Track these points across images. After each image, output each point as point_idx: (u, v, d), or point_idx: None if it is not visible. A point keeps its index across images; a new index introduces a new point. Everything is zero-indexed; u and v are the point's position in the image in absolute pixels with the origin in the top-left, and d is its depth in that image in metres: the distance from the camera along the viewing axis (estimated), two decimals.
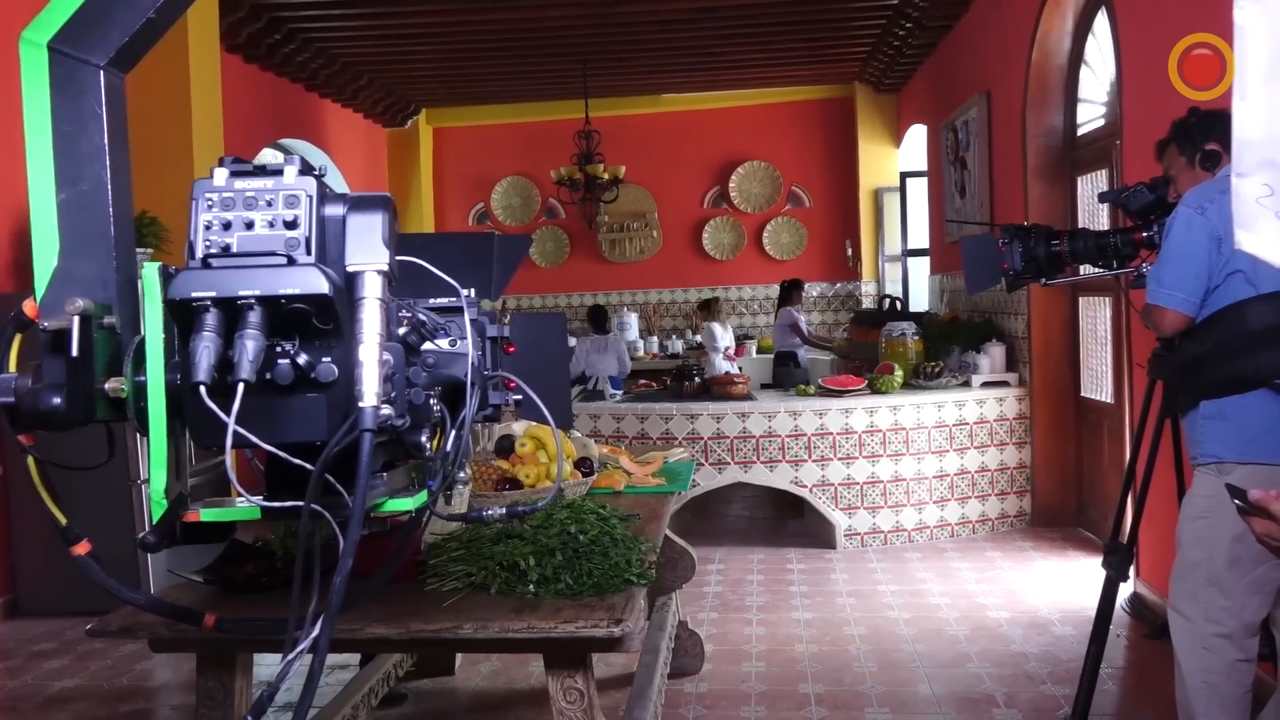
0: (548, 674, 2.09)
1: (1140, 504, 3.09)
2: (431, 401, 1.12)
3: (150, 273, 1.02)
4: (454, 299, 1.19)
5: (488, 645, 2.68)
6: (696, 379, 6.20)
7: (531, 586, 2.11)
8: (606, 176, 9.37)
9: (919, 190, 9.53)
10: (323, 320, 0.96)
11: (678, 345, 10.44)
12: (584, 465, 3.04)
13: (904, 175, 10.08)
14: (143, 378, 1.02)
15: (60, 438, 1.00)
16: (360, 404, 0.94)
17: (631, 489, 3.20)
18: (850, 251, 10.71)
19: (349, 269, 1.00)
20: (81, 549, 1.07)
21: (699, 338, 9.57)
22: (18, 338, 1.05)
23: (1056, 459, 5.99)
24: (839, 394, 5.81)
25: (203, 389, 0.91)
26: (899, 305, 8.78)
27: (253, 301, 0.93)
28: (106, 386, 1.02)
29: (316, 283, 0.94)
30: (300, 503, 0.96)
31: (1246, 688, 2.57)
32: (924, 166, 9.22)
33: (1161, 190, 2.86)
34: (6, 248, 5.07)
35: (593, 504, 2.48)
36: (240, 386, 0.91)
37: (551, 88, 9.86)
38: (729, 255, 11.00)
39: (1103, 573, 3.11)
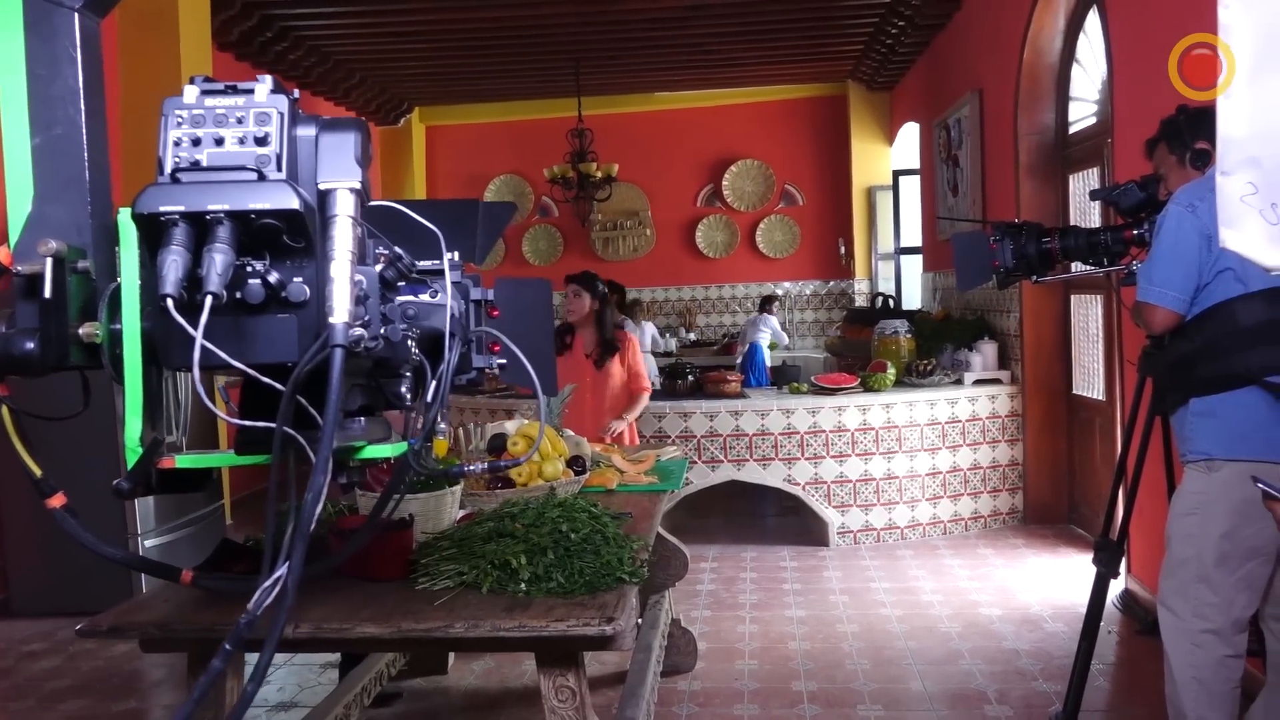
0: (540, 672, 2.09)
1: (1131, 501, 3.10)
2: (410, 344, 1.10)
3: (125, 218, 1.00)
4: (436, 261, 1.16)
5: (479, 644, 2.68)
6: (690, 377, 6.21)
7: (523, 585, 2.11)
8: (599, 175, 9.37)
9: (912, 188, 9.54)
10: (294, 238, 0.95)
11: (670, 343, 10.43)
12: (576, 464, 3.04)
13: (896, 173, 10.09)
14: (118, 325, 1.00)
15: (40, 394, 0.98)
16: (331, 320, 0.92)
17: (624, 487, 3.21)
18: (843, 250, 10.73)
19: (320, 187, 0.98)
20: (56, 501, 1.05)
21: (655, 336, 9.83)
22: None
23: (1048, 456, 6.01)
24: (832, 392, 5.82)
25: (170, 302, 0.88)
26: (891, 303, 8.80)
27: (222, 216, 0.91)
28: (81, 331, 1.01)
29: (286, 198, 0.92)
30: (272, 424, 0.94)
31: (1235, 683, 2.58)
32: (916, 165, 9.24)
33: (1152, 188, 2.87)
34: None
35: (585, 502, 2.48)
36: (208, 300, 0.89)
37: (544, 86, 9.85)
38: (722, 254, 11.00)
39: (1094, 569, 3.12)
